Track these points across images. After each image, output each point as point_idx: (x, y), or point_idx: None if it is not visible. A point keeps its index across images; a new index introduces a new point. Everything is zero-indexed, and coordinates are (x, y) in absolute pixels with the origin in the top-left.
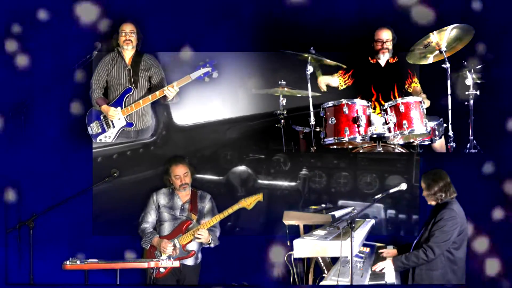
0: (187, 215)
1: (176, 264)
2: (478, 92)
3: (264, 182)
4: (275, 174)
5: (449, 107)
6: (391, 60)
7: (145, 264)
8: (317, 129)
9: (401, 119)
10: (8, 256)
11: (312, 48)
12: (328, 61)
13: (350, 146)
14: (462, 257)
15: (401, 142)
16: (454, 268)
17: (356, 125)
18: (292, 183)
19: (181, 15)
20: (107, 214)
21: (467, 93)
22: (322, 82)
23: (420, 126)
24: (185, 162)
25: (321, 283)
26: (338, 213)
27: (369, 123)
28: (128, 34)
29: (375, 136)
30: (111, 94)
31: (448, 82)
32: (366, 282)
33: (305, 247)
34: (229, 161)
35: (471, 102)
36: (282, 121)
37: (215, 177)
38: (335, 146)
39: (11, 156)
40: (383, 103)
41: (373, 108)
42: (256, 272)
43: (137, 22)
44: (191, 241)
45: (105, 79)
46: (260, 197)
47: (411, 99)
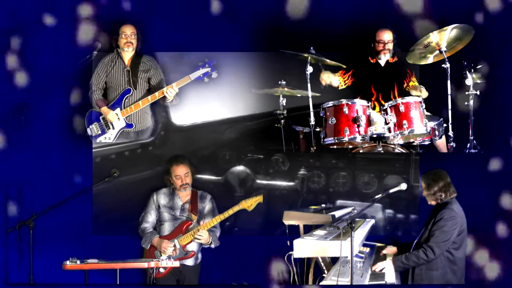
0: (187, 216)
1: (176, 264)
2: (478, 92)
3: (263, 182)
4: (274, 174)
5: (449, 107)
6: (391, 60)
7: (145, 264)
8: (317, 129)
9: (401, 119)
10: (8, 256)
11: (312, 48)
12: (328, 61)
13: (350, 146)
14: (462, 257)
15: (401, 142)
16: (454, 268)
17: (356, 125)
18: (291, 183)
19: (181, 15)
20: (107, 214)
21: (467, 93)
22: (326, 77)
23: (420, 126)
24: (186, 162)
25: (321, 283)
26: (338, 213)
27: (369, 123)
28: (129, 37)
29: (375, 136)
30: (110, 95)
31: (448, 82)
32: (366, 282)
33: (305, 247)
34: (228, 161)
35: (471, 102)
36: (282, 121)
37: (214, 177)
38: (335, 146)
39: (11, 156)
40: (383, 103)
41: (373, 108)
42: (256, 272)
43: (137, 23)
44: (191, 242)
45: (104, 80)
46: (261, 199)
47: (411, 99)
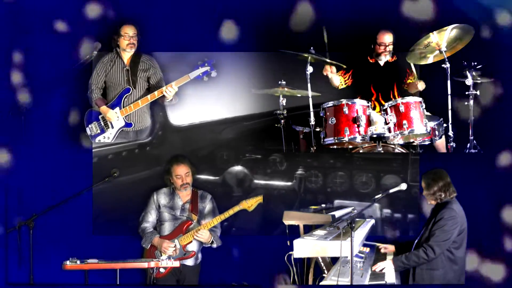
0: (188, 215)
1: (176, 264)
2: (478, 92)
3: (261, 182)
4: (272, 174)
5: (449, 107)
6: (390, 60)
7: (145, 264)
8: (317, 129)
9: (401, 119)
10: (8, 256)
11: (312, 48)
12: (328, 61)
13: (350, 146)
14: (462, 257)
15: (401, 142)
16: (455, 268)
17: (356, 125)
18: (289, 183)
19: (180, 15)
20: (107, 214)
21: (467, 93)
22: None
23: (420, 126)
24: (187, 162)
25: (321, 283)
26: (338, 213)
27: (369, 123)
28: (132, 38)
29: (375, 136)
30: (110, 95)
31: (448, 82)
32: (366, 282)
33: (305, 247)
34: (226, 161)
35: (471, 102)
36: (282, 121)
37: (211, 177)
38: (335, 146)
39: (11, 156)
40: (383, 103)
41: (373, 108)
42: (256, 272)
43: (136, 22)
44: (191, 242)
45: (104, 80)
46: (261, 199)
47: (411, 99)
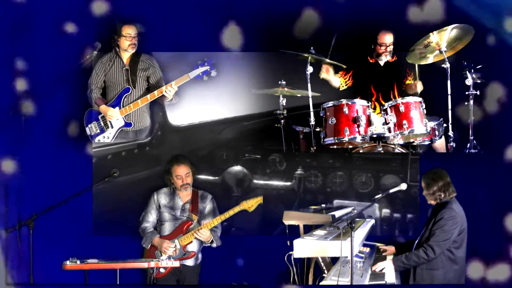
0: (188, 216)
1: (176, 264)
2: (478, 92)
3: (260, 182)
4: (271, 174)
5: (449, 107)
6: (390, 60)
7: (145, 264)
8: (317, 129)
9: (401, 119)
10: (8, 256)
11: (312, 48)
12: (328, 61)
13: (350, 146)
14: (463, 257)
15: (401, 142)
16: (455, 268)
17: (356, 125)
18: (288, 183)
19: (180, 15)
20: (107, 214)
21: (467, 93)
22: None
23: (420, 126)
24: (187, 162)
25: (321, 283)
26: (338, 213)
27: (369, 123)
28: (134, 38)
29: (375, 136)
30: (109, 94)
31: (448, 82)
32: (366, 282)
33: (305, 247)
34: (225, 161)
35: (471, 102)
36: (282, 121)
37: (211, 177)
38: (335, 146)
39: (11, 156)
40: (383, 103)
41: (373, 108)
42: (256, 272)
43: (136, 22)
44: (192, 242)
45: (103, 79)
46: (261, 200)
47: (411, 99)
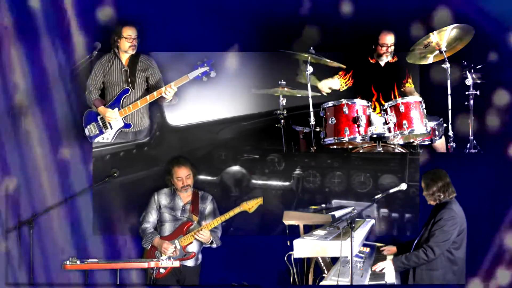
0: (188, 216)
1: (176, 265)
2: (478, 92)
3: (258, 182)
4: (269, 174)
5: (449, 107)
6: (391, 60)
7: (145, 264)
8: (317, 129)
9: (401, 119)
10: (8, 256)
11: (312, 48)
12: (328, 61)
13: (350, 146)
14: (462, 257)
15: (401, 142)
16: (454, 268)
17: (356, 125)
18: (286, 183)
19: (180, 15)
20: (107, 214)
21: (467, 93)
22: (325, 86)
23: (420, 126)
24: (188, 164)
25: (321, 283)
26: (338, 213)
27: (369, 123)
28: (134, 40)
29: (375, 136)
30: (108, 95)
31: (448, 82)
32: (366, 282)
33: (305, 247)
34: (223, 161)
35: (471, 102)
36: (282, 121)
37: (209, 178)
38: (335, 146)
39: (11, 156)
40: (384, 103)
41: (373, 108)
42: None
43: (135, 22)
44: (192, 243)
45: (102, 80)
46: (261, 201)
47: (411, 99)
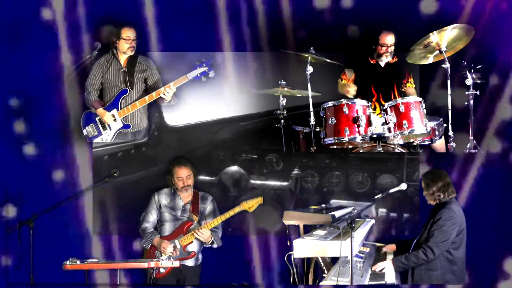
0: (188, 216)
1: (176, 264)
2: (478, 92)
3: (257, 182)
4: (268, 174)
5: (449, 107)
6: (391, 60)
7: (145, 264)
8: (317, 129)
9: (401, 119)
10: (8, 256)
11: (312, 48)
12: (328, 61)
13: (350, 146)
14: (461, 257)
15: (401, 142)
16: (453, 268)
17: (356, 125)
18: (285, 183)
19: (180, 15)
20: (107, 214)
21: (467, 93)
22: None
23: (420, 126)
24: (189, 164)
25: (321, 283)
26: (338, 213)
27: (369, 123)
28: (133, 41)
29: (375, 136)
30: (107, 96)
31: (448, 82)
32: (366, 282)
33: (305, 247)
34: (222, 162)
35: (471, 102)
36: (282, 121)
37: (208, 178)
38: (335, 146)
39: (11, 156)
40: (384, 104)
41: (373, 109)
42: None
43: (134, 22)
44: (192, 242)
45: (100, 81)
46: (261, 200)
47: (411, 99)
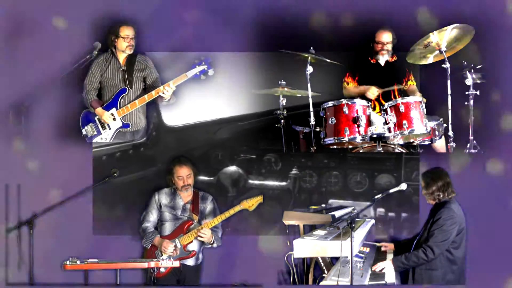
0: (189, 215)
1: (176, 264)
2: (478, 92)
3: (255, 182)
4: (266, 174)
5: (449, 107)
6: (390, 60)
7: (145, 264)
8: (317, 129)
9: (401, 119)
10: (8, 256)
11: (312, 48)
12: (328, 61)
13: (350, 146)
14: (462, 257)
15: (401, 142)
16: (454, 268)
17: (356, 125)
18: (283, 183)
19: (179, 15)
20: (107, 214)
21: (467, 93)
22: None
23: (420, 126)
24: (189, 164)
25: (321, 283)
26: (338, 213)
27: (369, 123)
28: (132, 40)
29: (375, 136)
30: (106, 95)
31: (448, 82)
32: (366, 282)
33: (305, 247)
34: (220, 162)
35: (471, 102)
36: (282, 121)
37: (206, 178)
38: (335, 146)
39: (11, 156)
40: (384, 103)
41: (373, 108)
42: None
43: (134, 21)
44: (192, 242)
45: (99, 80)
46: (261, 199)
47: (411, 99)
